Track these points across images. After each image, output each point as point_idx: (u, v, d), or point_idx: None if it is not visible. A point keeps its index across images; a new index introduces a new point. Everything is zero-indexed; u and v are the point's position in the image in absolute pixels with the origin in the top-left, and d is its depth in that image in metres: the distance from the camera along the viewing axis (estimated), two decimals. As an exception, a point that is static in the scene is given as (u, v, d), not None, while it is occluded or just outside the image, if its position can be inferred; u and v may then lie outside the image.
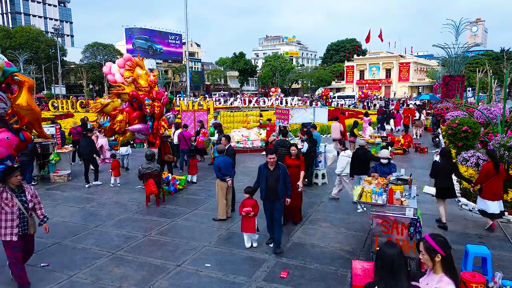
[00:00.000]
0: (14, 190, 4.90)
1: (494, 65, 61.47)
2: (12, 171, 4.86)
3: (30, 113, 4.93)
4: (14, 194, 4.86)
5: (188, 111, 17.07)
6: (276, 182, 6.16)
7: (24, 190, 5.01)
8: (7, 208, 4.79)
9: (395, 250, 2.65)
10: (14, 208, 4.83)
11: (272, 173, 6.22)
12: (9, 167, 4.90)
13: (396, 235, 5.50)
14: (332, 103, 46.08)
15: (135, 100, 9.55)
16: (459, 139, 9.36)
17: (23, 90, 4.91)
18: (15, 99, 4.79)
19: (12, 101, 4.83)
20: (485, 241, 6.70)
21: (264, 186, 6.25)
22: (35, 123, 5.17)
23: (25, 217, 4.96)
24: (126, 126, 10.08)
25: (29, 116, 4.96)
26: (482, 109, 10.14)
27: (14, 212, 4.83)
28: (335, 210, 8.62)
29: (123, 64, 9.73)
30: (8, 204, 4.80)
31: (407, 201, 5.58)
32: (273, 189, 6.18)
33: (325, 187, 10.58)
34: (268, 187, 6.20)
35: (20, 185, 4.98)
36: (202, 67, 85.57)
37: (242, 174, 11.87)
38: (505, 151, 7.46)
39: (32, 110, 4.95)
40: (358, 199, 5.82)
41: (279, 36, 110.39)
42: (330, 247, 6.56)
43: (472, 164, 8.06)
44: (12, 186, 4.89)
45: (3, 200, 4.78)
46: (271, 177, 6.20)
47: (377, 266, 2.71)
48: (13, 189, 4.89)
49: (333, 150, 11.36)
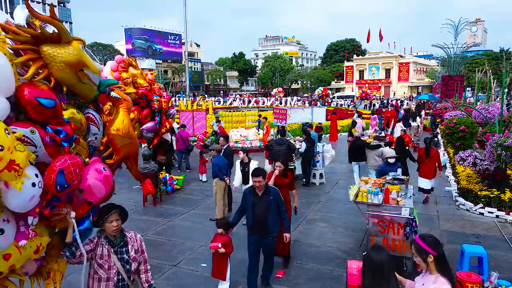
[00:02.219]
0: (113, 243, 3.32)
1: (494, 65, 61.48)
2: (108, 211, 3.30)
3: (129, 144, 3.55)
4: (112, 249, 3.29)
5: (187, 111, 17.08)
6: (265, 212, 4.79)
7: (126, 242, 3.39)
8: (101, 271, 3.22)
9: (383, 255, 2.56)
10: (111, 270, 3.24)
11: (261, 200, 4.83)
12: (107, 204, 3.39)
13: (392, 234, 5.50)
14: (331, 103, 46.03)
15: (144, 97, 9.58)
16: (456, 138, 9.36)
17: (120, 111, 3.58)
18: (111, 123, 3.44)
19: (107, 125, 3.46)
20: (481, 240, 6.69)
21: (250, 216, 4.88)
22: (132, 159, 3.76)
23: (125, 284, 3.34)
24: (136, 125, 10.04)
25: (127, 148, 3.54)
26: (480, 109, 10.13)
27: (111, 278, 3.24)
28: (332, 210, 8.61)
29: (116, 67, 9.67)
30: (104, 265, 3.23)
31: (403, 200, 5.58)
32: (261, 220, 4.81)
33: (323, 186, 10.57)
34: (256, 218, 4.83)
35: (122, 235, 3.40)
36: (202, 67, 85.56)
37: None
38: (502, 151, 7.44)
39: (132, 139, 3.61)
40: (354, 199, 5.81)
41: (278, 36, 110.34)
42: (327, 247, 6.55)
43: (469, 163, 8.05)
44: (110, 236, 3.31)
45: (96, 258, 3.23)
46: (259, 205, 4.83)
47: (365, 272, 2.60)
48: (112, 240, 3.32)
49: (331, 150, 11.34)
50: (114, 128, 3.45)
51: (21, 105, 2.43)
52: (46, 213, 2.67)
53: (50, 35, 2.54)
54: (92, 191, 2.98)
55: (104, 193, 3.14)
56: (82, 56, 2.71)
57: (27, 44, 2.50)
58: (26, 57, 2.52)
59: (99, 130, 3.34)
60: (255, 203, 4.85)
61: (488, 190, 8.14)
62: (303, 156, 10.42)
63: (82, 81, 2.78)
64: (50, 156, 2.62)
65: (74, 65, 2.65)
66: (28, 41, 2.49)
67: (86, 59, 2.78)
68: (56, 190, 2.57)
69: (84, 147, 3.11)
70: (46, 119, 2.54)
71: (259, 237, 4.90)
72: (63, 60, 2.59)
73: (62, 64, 2.60)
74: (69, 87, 2.74)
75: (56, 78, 2.61)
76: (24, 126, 2.44)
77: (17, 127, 2.39)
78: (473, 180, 9.01)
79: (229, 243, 4.96)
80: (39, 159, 2.57)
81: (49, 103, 2.50)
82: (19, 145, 2.30)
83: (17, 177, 2.27)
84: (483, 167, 8.03)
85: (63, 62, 2.60)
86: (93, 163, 3.11)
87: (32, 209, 2.49)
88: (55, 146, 2.63)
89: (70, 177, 2.61)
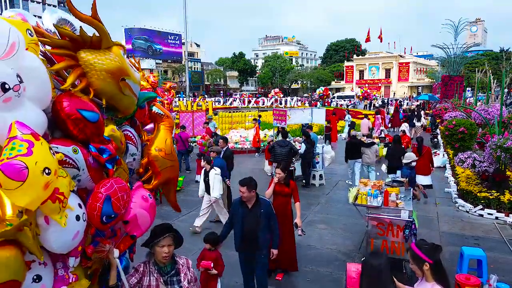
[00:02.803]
0: (163, 271, 2.84)
1: (494, 65, 61.52)
2: (162, 233, 2.83)
3: (170, 167, 3.07)
4: (161, 279, 2.80)
5: (187, 112, 17.08)
6: (255, 226, 4.31)
7: (178, 270, 2.89)
8: None
9: (381, 261, 2.54)
10: None
11: (251, 213, 4.34)
12: (161, 225, 2.96)
13: (392, 237, 5.51)
14: (331, 103, 46.04)
15: None
16: (456, 140, 9.38)
17: (161, 129, 3.12)
18: (151, 142, 2.98)
19: (147, 144, 3.01)
20: (481, 243, 6.70)
21: (239, 231, 4.41)
22: (172, 185, 3.30)
23: None
24: None
25: (168, 171, 3.06)
26: (480, 110, 10.14)
27: None
28: (332, 211, 8.62)
29: None
30: None
31: (403, 203, 5.58)
32: (251, 235, 4.33)
33: (323, 188, 10.57)
34: (245, 233, 4.36)
35: (173, 261, 2.92)
36: (202, 67, 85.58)
37: (240, 174, 11.81)
38: (502, 152, 7.45)
39: (174, 161, 3.15)
40: (353, 201, 5.82)
41: (278, 36, 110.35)
42: (326, 249, 6.56)
43: (469, 165, 8.06)
44: (160, 263, 2.85)
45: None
46: (249, 219, 4.34)
47: (363, 278, 2.59)
48: (161, 268, 2.84)
49: (331, 151, 11.36)
50: (156, 148, 2.98)
51: (59, 119, 2.04)
52: (89, 252, 2.25)
53: (89, 38, 2.22)
54: (137, 223, 2.54)
55: (149, 224, 2.72)
56: (124, 63, 2.39)
57: (64, 48, 2.16)
58: (64, 64, 2.16)
59: (137, 150, 2.92)
60: (244, 216, 4.35)
61: (487, 192, 8.15)
62: (303, 157, 10.43)
63: (123, 92, 2.40)
64: (93, 180, 2.22)
65: (116, 73, 2.31)
66: (66, 45, 2.16)
67: (128, 67, 2.45)
68: (101, 222, 2.17)
69: (125, 169, 2.67)
70: (89, 136, 2.15)
71: (249, 254, 4.45)
72: (104, 68, 2.25)
73: (103, 72, 2.25)
74: (108, 99, 2.34)
75: (95, 89, 2.23)
76: (64, 144, 2.04)
77: (57, 145, 1.99)
78: (472, 181, 9.02)
79: (218, 260, 4.37)
80: (80, 184, 2.17)
81: (92, 116, 2.12)
82: (60, 169, 1.91)
83: (61, 210, 1.85)
84: (482, 169, 8.03)
85: (104, 70, 2.25)
86: (137, 189, 2.68)
87: (75, 248, 2.05)
88: (98, 169, 2.25)
89: (117, 205, 2.22)
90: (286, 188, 5.33)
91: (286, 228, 5.32)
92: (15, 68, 1.80)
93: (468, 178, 9.26)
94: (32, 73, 1.89)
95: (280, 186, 5.32)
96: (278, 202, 5.29)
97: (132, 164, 2.85)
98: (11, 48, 1.79)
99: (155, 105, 3.18)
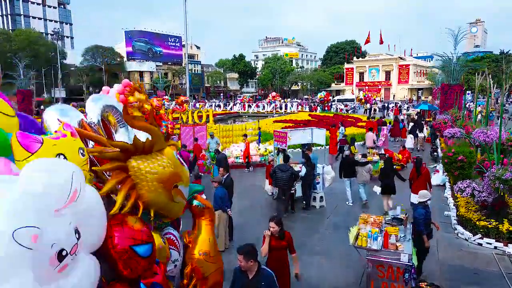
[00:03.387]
0: None
1: (494, 67, 61.55)
2: None
3: (216, 272, 2.83)
4: None
5: (188, 126, 17.14)
6: None
7: None
8: None
9: None
10: None
11: (251, 284, 3.98)
12: None
13: (392, 279, 5.58)
14: (331, 108, 46.00)
15: None
16: (455, 168, 9.45)
17: (202, 225, 2.88)
18: (193, 244, 2.72)
19: (189, 247, 2.74)
20: (480, 276, 6.77)
21: None
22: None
23: None
24: None
25: (215, 276, 2.85)
26: (478, 133, 10.18)
27: None
28: (333, 239, 8.64)
29: (122, 90, 9.73)
30: None
31: (402, 246, 5.65)
32: None
33: (323, 210, 10.63)
34: None
35: None
36: (202, 69, 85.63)
37: (241, 195, 11.81)
38: (500, 184, 7.52)
39: (219, 263, 2.90)
40: (354, 243, 5.89)
41: (278, 37, 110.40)
42: (326, 282, 6.62)
43: (468, 194, 8.12)
44: None
45: None
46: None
47: None
48: None
49: (331, 171, 11.42)
50: (200, 252, 2.73)
51: (110, 257, 1.81)
52: None
53: (142, 145, 1.98)
54: None
55: None
56: (177, 167, 2.17)
57: (115, 160, 1.95)
58: (114, 182, 1.93)
59: (179, 255, 2.65)
60: (245, 286, 3.96)
61: (486, 220, 8.21)
62: (303, 179, 10.50)
63: (174, 200, 2.18)
64: None
65: (169, 181, 2.08)
66: (117, 157, 1.94)
67: (181, 169, 2.19)
68: None
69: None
70: (140, 274, 1.91)
71: None
72: (156, 177, 2.01)
73: (155, 183, 2.01)
74: (158, 210, 2.10)
75: (145, 202, 1.99)
76: None
77: None
78: (471, 207, 9.08)
79: None
80: None
81: (146, 250, 1.87)
82: None
83: None
84: (481, 199, 8.10)
85: (156, 180, 2.01)
86: None
87: None
88: None
89: None
90: (282, 242, 5.05)
91: (284, 279, 5.11)
92: (74, 215, 1.69)
93: (467, 203, 9.32)
94: (89, 214, 1.77)
95: (275, 241, 5.01)
96: (275, 258, 5.03)
97: (173, 272, 2.58)
98: (73, 195, 1.70)
99: (196, 198, 2.91)
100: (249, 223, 9.53)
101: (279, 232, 5.00)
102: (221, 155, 12.41)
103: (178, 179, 2.14)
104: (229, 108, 42.91)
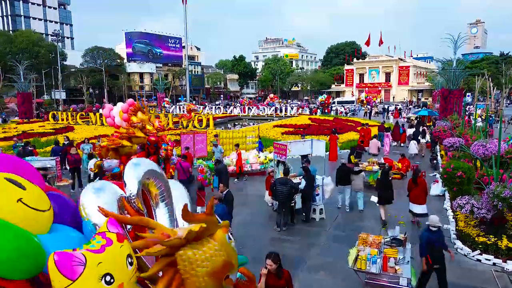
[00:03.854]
0: None
1: (494, 69, 61.61)
2: None
3: None
4: None
5: (188, 133, 17.18)
6: None
7: None
8: None
9: None
10: None
11: None
12: None
13: (391, 302, 5.63)
14: (331, 111, 46.04)
15: (155, 145, 9.65)
16: (454, 184, 9.51)
17: None
18: None
19: None
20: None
21: None
22: None
23: None
24: None
25: None
26: (478, 146, 10.23)
27: None
28: (333, 253, 8.65)
29: (127, 109, 9.75)
30: None
31: (401, 269, 5.69)
32: None
33: (323, 223, 10.66)
34: None
35: None
36: (202, 70, 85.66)
37: (241, 204, 11.83)
38: (499, 202, 7.56)
39: None
40: (353, 265, 5.93)
41: (279, 38, 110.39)
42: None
43: (467, 211, 8.17)
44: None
45: None
46: None
47: None
48: None
49: (330, 183, 11.46)
50: None
51: None
52: None
53: (193, 236, 1.77)
54: None
55: None
56: (229, 253, 1.90)
57: (165, 258, 1.76)
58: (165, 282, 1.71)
59: None
60: None
61: (485, 236, 8.25)
62: (303, 192, 10.53)
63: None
64: None
65: (221, 273, 1.83)
66: (167, 252, 1.75)
67: (234, 255, 1.95)
68: None
69: None
70: None
71: None
72: (208, 271, 1.76)
73: (206, 278, 1.76)
74: None
75: None
76: None
77: None
78: (470, 221, 9.12)
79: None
80: None
81: None
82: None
83: None
84: (480, 215, 8.14)
85: (207, 274, 1.76)
86: None
87: None
88: None
89: None
90: (280, 281, 4.63)
91: None
92: None
93: (466, 217, 9.36)
94: None
95: (273, 279, 4.62)
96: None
97: None
98: None
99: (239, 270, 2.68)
100: (250, 236, 9.50)
101: (276, 270, 4.62)
102: (221, 165, 12.44)
103: (232, 268, 1.89)
104: (229, 111, 42.91)
